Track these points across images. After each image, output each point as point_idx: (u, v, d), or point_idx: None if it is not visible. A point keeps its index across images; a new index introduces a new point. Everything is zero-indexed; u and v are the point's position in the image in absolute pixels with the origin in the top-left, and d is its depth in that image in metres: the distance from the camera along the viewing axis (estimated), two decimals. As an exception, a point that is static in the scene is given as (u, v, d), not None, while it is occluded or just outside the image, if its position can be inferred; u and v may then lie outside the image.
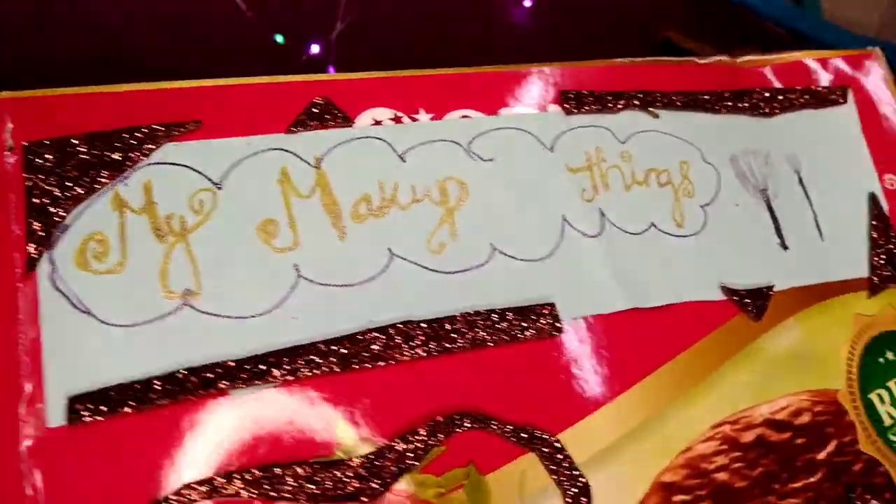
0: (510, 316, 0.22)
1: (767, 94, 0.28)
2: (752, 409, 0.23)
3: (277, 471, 0.19)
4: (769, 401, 0.24)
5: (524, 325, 0.22)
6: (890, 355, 0.25)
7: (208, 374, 0.19)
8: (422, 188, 0.22)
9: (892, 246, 0.27)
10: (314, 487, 0.19)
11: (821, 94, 0.29)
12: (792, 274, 0.25)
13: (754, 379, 0.24)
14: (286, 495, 0.19)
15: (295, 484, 0.19)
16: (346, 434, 0.20)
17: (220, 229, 0.21)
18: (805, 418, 0.24)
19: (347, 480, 0.19)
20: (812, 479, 0.23)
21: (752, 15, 0.75)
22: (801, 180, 0.27)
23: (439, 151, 0.23)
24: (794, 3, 0.79)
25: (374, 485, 0.19)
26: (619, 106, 0.25)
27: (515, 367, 0.22)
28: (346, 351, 0.20)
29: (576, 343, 0.22)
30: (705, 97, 0.27)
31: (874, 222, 0.27)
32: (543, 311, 0.22)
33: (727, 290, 0.24)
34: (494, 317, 0.22)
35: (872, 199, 0.27)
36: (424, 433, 0.20)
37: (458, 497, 0.19)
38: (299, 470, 0.19)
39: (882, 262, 0.26)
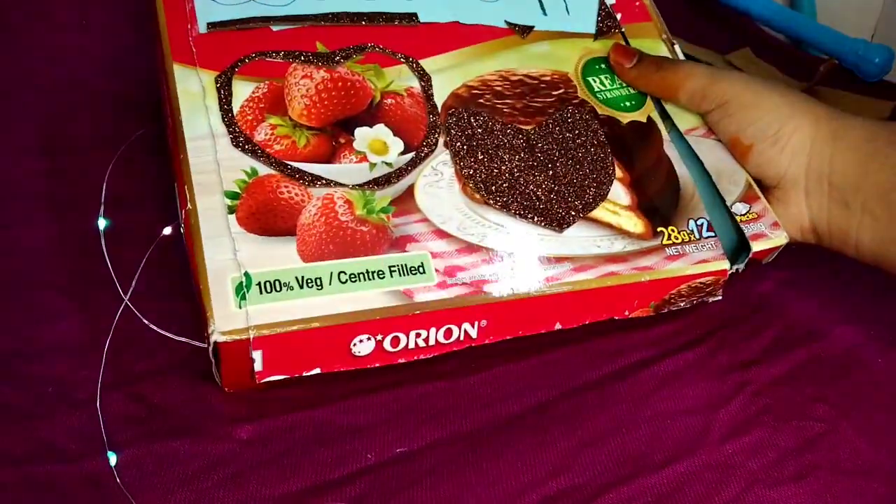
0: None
1: None
2: (517, 69, 0.45)
3: None
4: (528, 67, 0.46)
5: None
6: (604, 65, 0.47)
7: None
8: None
9: (607, 12, 0.49)
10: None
11: None
12: (547, 24, 0.47)
13: (520, 60, 0.46)
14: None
15: None
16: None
17: None
18: (547, 77, 0.46)
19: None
20: (547, 100, 0.45)
21: (749, 19, 0.70)
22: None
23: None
24: (790, 7, 0.73)
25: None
26: None
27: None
28: None
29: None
30: None
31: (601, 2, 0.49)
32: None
33: (509, 24, 0.47)
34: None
35: None
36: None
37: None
38: None
39: (602, 21, 0.49)
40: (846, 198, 0.40)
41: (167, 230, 0.41)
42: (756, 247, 0.42)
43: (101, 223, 0.44)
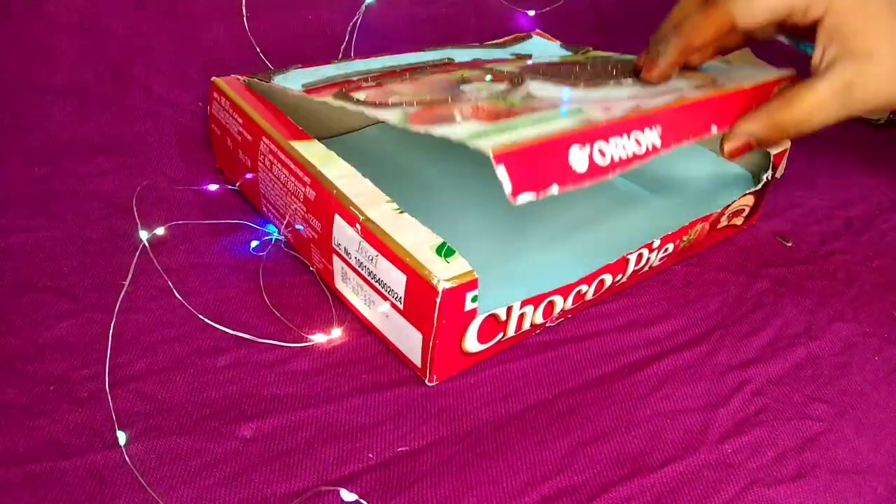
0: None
1: None
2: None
3: None
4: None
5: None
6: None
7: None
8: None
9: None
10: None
11: None
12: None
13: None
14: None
15: None
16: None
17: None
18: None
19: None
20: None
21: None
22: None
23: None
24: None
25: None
26: None
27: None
28: None
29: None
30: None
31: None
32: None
33: (513, 54, 0.55)
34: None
35: None
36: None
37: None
38: None
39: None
40: None
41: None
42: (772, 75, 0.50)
43: (144, 235, 0.47)
